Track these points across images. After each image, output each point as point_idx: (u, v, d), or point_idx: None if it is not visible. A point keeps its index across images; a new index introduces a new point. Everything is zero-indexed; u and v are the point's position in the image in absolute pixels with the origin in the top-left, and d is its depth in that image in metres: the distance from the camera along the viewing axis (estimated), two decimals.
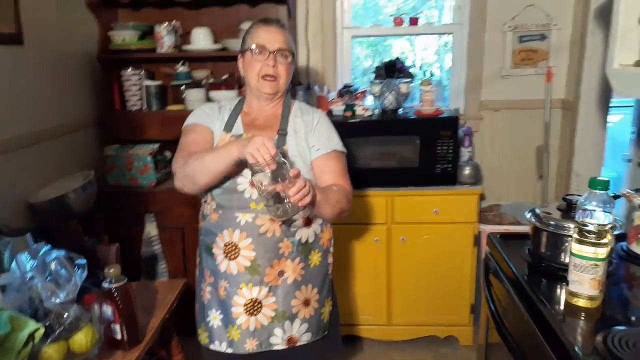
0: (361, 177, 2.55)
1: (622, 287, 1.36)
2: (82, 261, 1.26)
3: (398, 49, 3.44)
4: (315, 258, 1.64)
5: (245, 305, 1.55)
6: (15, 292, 1.18)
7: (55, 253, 1.23)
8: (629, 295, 1.34)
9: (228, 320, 1.57)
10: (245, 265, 1.54)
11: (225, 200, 1.55)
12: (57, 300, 1.16)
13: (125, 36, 2.74)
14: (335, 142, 1.64)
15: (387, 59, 2.81)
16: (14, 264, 1.21)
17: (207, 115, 1.65)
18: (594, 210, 1.17)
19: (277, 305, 1.57)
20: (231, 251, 1.55)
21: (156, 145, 2.69)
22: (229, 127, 1.61)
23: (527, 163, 3.06)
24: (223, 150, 1.44)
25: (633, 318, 1.22)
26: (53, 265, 1.22)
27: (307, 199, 1.33)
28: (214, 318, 1.59)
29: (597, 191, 1.18)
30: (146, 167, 2.64)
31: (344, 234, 2.56)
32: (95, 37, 2.73)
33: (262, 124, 1.62)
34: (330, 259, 1.71)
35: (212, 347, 1.59)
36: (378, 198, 2.53)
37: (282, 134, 1.58)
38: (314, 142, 1.60)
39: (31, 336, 1.11)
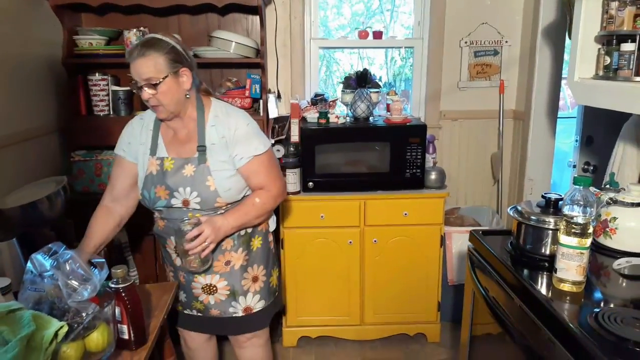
0: (335, 181, 2.65)
1: (594, 275, 1.52)
2: (101, 260, 1.25)
3: (346, 61, 3.58)
4: (256, 243, 1.87)
5: (203, 288, 1.84)
6: (32, 291, 1.16)
7: (69, 252, 1.22)
8: (602, 281, 1.50)
9: (191, 298, 1.87)
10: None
11: (164, 216, 1.77)
12: (80, 299, 1.15)
13: (92, 41, 2.69)
14: (254, 146, 1.72)
15: (354, 71, 2.92)
16: (29, 263, 1.19)
17: (128, 145, 1.80)
18: (579, 205, 1.31)
19: (230, 287, 1.83)
20: (171, 254, 1.84)
21: None
22: (153, 150, 1.75)
23: (482, 169, 3.28)
24: None
25: (610, 300, 1.38)
26: (68, 265, 1.21)
27: (207, 251, 1.66)
28: (180, 295, 1.90)
29: (581, 187, 1.32)
30: None
31: (319, 236, 2.64)
32: (60, 41, 2.65)
33: (183, 138, 1.73)
34: (270, 238, 1.94)
35: (185, 312, 1.92)
36: (351, 202, 2.62)
37: (202, 150, 1.69)
38: (236, 152, 1.70)
39: (55, 335, 1.09)
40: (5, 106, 2.24)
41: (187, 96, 1.68)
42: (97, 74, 2.73)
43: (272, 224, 1.95)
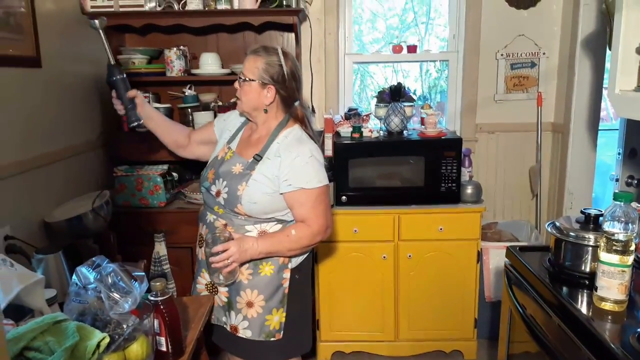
0: (368, 195, 2.65)
1: (637, 293, 1.47)
2: (141, 273, 1.29)
3: (380, 74, 3.59)
4: (266, 269, 1.78)
5: (206, 285, 1.88)
6: (76, 302, 1.21)
7: (111, 266, 1.27)
8: None
9: (196, 292, 1.91)
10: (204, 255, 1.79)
11: (204, 197, 1.87)
12: (121, 311, 1.19)
13: (134, 60, 2.80)
14: (306, 179, 1.70)
15: (389, 85, 2.93)
16: (74, 276, 1.24)
17: (223, 122, 1.99)
18: (620, 221, 1.27)
19: (228, 295, 1.82)
20: (200, 240, 1.87)
21: (166, 166, 2.73)
22: (230, 140, 1.90)
23: (520, 182, 3.22)
24: None
25: None
26: (110, 278, 1.25)
27: (229, 268, 1.68)
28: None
29: (622, 203, 1.29)
30: (156, 188, 2.66)
31: (353, 250, 2.64)
32: (105, 60, 2.76)
33: (254, 142, 1.82)
34: (286, 275, 1.81)
35: None
36: (385, 216, 2.62)
37: (257, 159, 1.75)
38: (285, 177, 1.70)
39: (97, 345, 1.14)
40: (56, 122, 2.36)
41: (266, 111, 1.77)
42: (138, 92, 2.82)
43: (294, 259, 1.83)
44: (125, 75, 1.99)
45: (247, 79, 1.72)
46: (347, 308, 2.73)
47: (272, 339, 1.82)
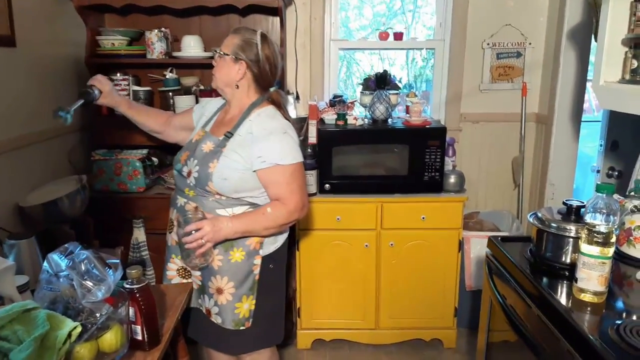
0: (352, 184, 2.63)
1: (617, 285, 1.48)
2: (115, 261, 1.26)
3: (366, 61, 3.55)
4: (237, 255, 1.77)
5: (178, 270, 1.88)
6: (47, 290, 1.17)
7: (85, 253, 1.23)
8: (624, 291, 1.46)
9: (166, 280, 1.91)
10: (175, 239, 1.82)
11: (176, 181, 1.86)
12: (94, 299, 1.16)
13: (114, 41, 2.72)
14: (280, 155, 1.69)
15: (374, 72, 2.90)
16: (45, 263, 1.20)
17: (201, 108, 2.01)
18: (602, 213, 1.27)
19: (201, 279, 1.82)
20: (170, 225, 1.88)
21: (145, 151, 2.67)
22: (205, 124, 1.89)
23: (503, 173, 3.23)
24: None
25: (633, 312, 1.33)
26: (83, 265, 1.21)
27: (203, 249, 1.65)
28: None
29: (604, 195, 1.28)
30: (135, 173, 2.61)
31: (335, 238, 2.63)
32: (83, 41, 2.69)
33: (227, 121, 1.82)
34: (257, 261, 1.79)
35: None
36: (368, 204, 2.60)
37: (227, 136, 1.74)
38: (259, 153, 1.69)
39: (69, 335, 1.10)
40: (33, 105, 2.28)
41: (237, 87, 1.77)
42: (118, 74, 2.76)
43: (266, 246, 1.81)
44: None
45: (222, 53, 1.75)
46: (328, 296, 2.72)
47: (242, 327, 1.81)
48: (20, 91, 2.20)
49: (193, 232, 1.64)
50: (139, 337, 1.40)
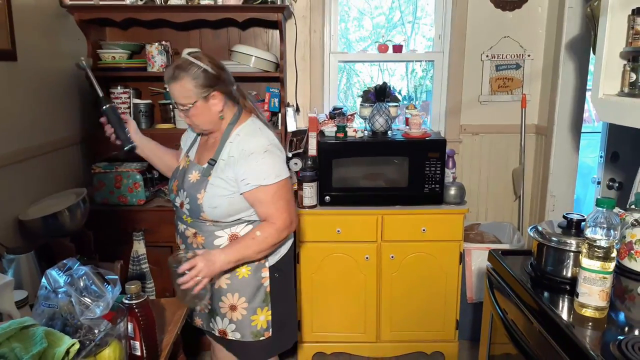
0: (352, 196, 2.63)
1: (618, 299, 1.47)
2: (114, 277, 1.25)
3: (366, 73, 3.57)
4: (243, 271, 1.76)
5: None
6: (45, 307, 1.17)
7: (84, 269, 1.23)
8: (626, 306, 1.45)
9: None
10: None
11: (174, 208, 1.84)
12: (92, 316, 1.15)
13: (114, 54, 2.74)
14: (263, 176, 1.66)
15: (374, 83, 2.91)
16: (43, 279, 1.20)
17: (186, 136, 1.97)
18: (602, 227, 1.27)
19: (210, 302, 1.80)
20: (176, 249, 1.86)
21: (146, 164, 2.67)
22: (188, 149, 1.88)
23: (504, 184, 3.23)
24: None
25: (635, 327, 1.32)
26: (81, 281, 1.21)
27: (200, 285, 1.61)
28: None
29: (604, 209, 1.28)
30: (136, 185, 2.61)
31: (335, 251, 2.62)
32: (84, 54, 2.70)
33: (209, 146, 1.79)
34: (264, 274, 1.79)
35: None
36: (368, 217, 2.60)
37: (211, 163, 1.72)
38: (243, 176, 1.67)
39: (66, 352, 1.10)
40: (33, 118, 2.29)
41: (221, 117, 1.72)
42: (119, 87, 2.77)
43: (271, 257, 1.80)
44: (114, 104, 2.08)
45: (189, 106, 1.65)
46: (329, 309, 2.71)
47: (262, 338, 1.82)
48: (21, 105, 2.21)
49: (186, 272, 1.61)
50: (138, 353, 1.39)
